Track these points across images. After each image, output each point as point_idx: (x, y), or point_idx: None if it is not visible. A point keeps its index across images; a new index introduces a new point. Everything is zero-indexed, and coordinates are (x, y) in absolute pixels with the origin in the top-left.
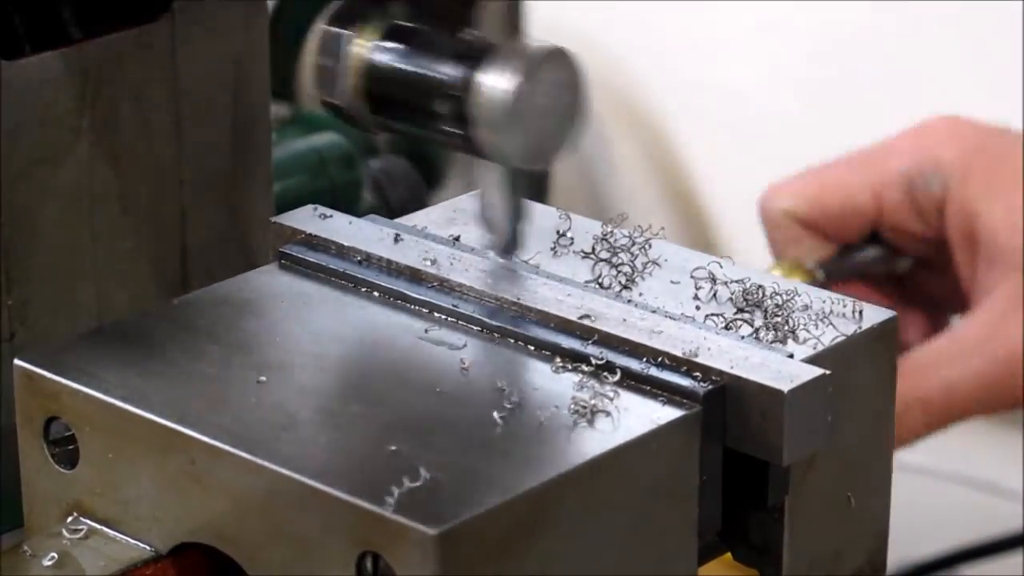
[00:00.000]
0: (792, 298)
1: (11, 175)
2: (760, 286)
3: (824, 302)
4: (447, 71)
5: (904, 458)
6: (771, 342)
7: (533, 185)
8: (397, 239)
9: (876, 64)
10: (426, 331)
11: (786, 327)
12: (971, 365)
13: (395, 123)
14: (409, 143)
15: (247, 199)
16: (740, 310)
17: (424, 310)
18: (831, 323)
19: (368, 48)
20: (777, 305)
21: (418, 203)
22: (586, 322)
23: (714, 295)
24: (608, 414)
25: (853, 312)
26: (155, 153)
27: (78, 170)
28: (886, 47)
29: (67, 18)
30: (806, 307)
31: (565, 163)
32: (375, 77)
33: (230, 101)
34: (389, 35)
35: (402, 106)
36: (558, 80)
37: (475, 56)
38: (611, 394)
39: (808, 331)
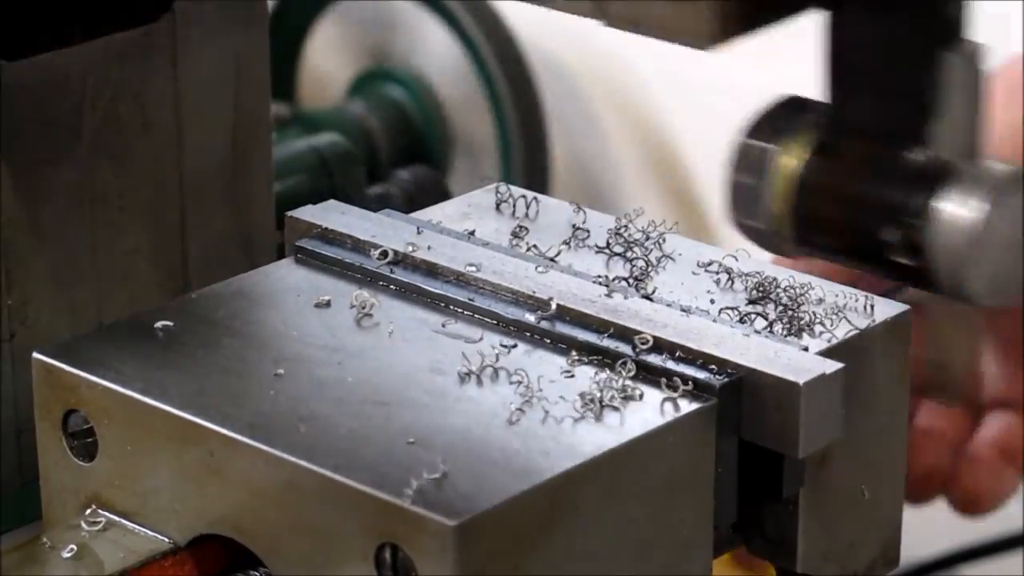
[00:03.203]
0: (806, 291)
1: (11, 175)
2: (774, 280)
3: (838, 296)
4: (898, 194)
5: None
6: (786, 335)
7: (534, 185)
8: (413, 233)
9: None
10: (443, 325)
11: (800, 321)
12: None
13: (826, 250)
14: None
15: (247, 199)
16: (754, 303)
17: (441, 304)
18: (845, 316)
19: (798, 165)
20: (791, 298)
21: None
22: (602, 315)
23: (729, 288)
24: (624, 407)
25: (866, 306)
26: (155, 153)
27: (78, 170)
28: None
29: (67, 18)
30: (820, 300)
31: (565, 163)
32: (808, 198)
33: (230, 101)
34: (821, 151)
35: (837, 231)
36: (1020, 206)
37: (931, 178)
38: (627, 387)
39: (822, 324)
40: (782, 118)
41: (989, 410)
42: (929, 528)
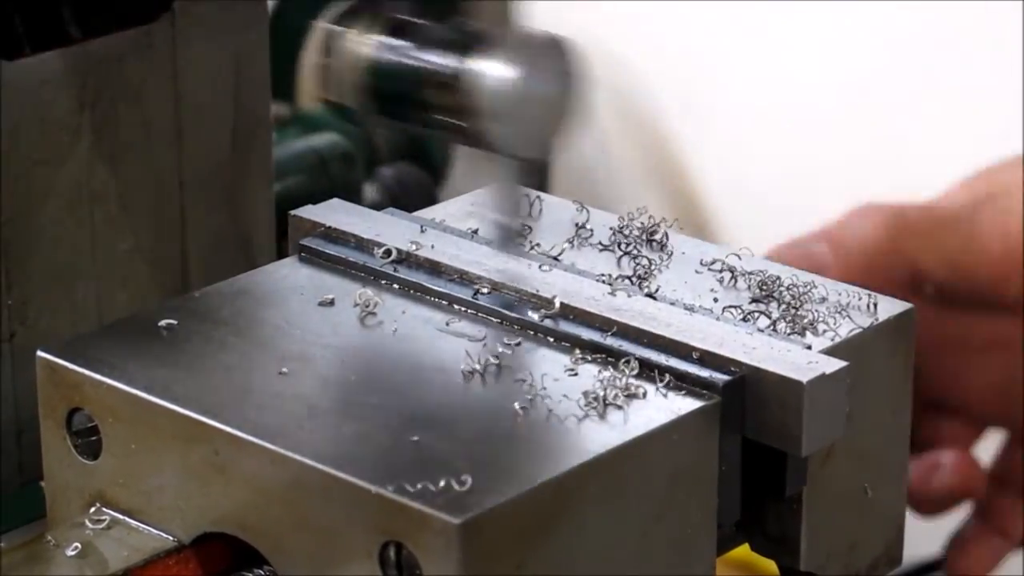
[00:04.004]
0: (809, 290)
1: (11, 175)
2: (777, 278)
3: (841, 294)
4: (446, 63)
5: None
6: (789, 334)
7: (533, 184)
8: (417, 232)
9: (876, 65)
10: (447, 323)
11: (804, 319)
12: None
13: (397, 118)
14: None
15: (247, 199)
16: (758, 302)
17: (444, 302)
18: (848, 315)
19: (367, 44)
20: (794, 297)
21: None
22: (605, 314)
23: (732, 286)
24: (628, 405)
25: (869, 304)
26: (155, 153)
27: (78, 170)
28: (887, 48)
29: (67, 18)
30: (823, 299)
31: (565, 163)
32: (376, 73)
33: (230, 101)
34: (388, 31)
35: (403, 101)
36: (557, 68)
37: (473, 46)
38: (631, 385)
39: (825, 323)
40: (358, 8)
41: None
42: (929, 528)
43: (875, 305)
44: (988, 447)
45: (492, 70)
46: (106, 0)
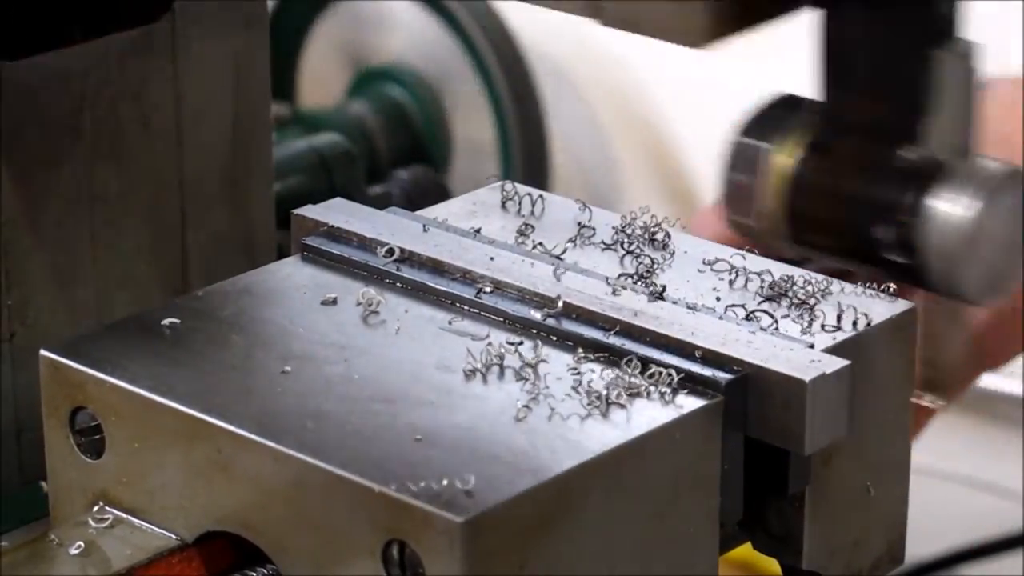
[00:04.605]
0: (812, 289)
1: (11, 175)
2: (780, 277)
3: (843, 293)
4: (890, 192)
5: None
6: (791, 333)
7: (534, 184)
8: (419, 231)
9: None
10: (450, 322)
11: (806, 318)
12: None
13: (819, 247)
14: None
15: (247, 199)
16: (760, 301)
17: (447, 301)
18: (850, 314)
19: (792, 163)
20: (797, 296)
21: None
22: (608, 313)
23: (736, 285)
24: (630, 404)
25: (871, 303)
26: (155, 153)
27: (78, 170)
28: None
29: (67, 18)
30: (825, 298)
31: (565, 163)
32: (800, 196)
33: (230, 101)
34: (814, 149)
35: (830, 229)
36: (1015, 204)
37: (923, 176)
38: (633, 384)
39: (828, 322)
40: (776, 116)
41: None
42: (929, 528)
43: (877, 304)
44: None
45: (948, 206)
46: (106, 0)
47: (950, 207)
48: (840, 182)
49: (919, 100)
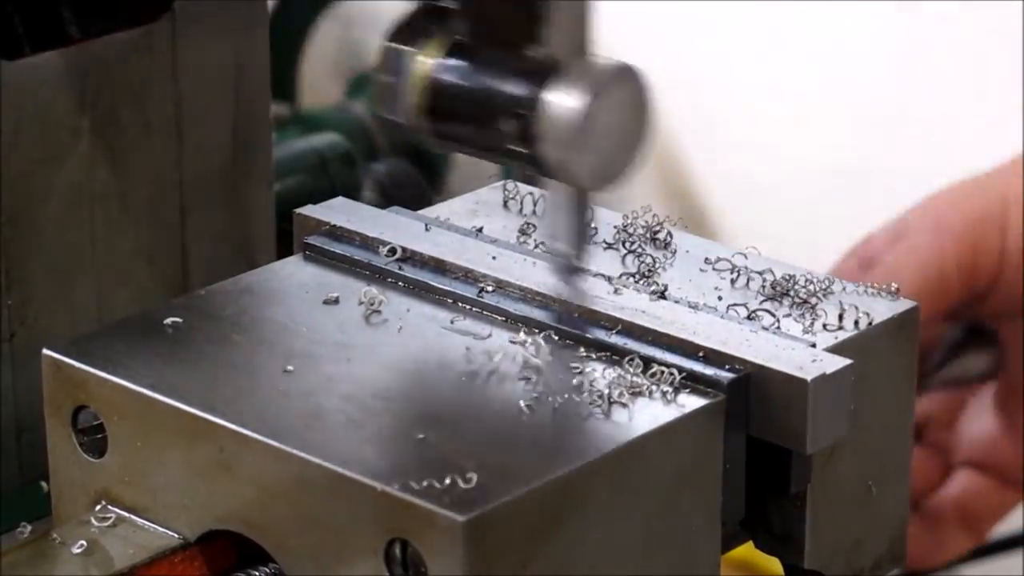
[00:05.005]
0: (813, 288)
1: (11, 175)
2: (781, 276)
3: (845, 292)
4: (513, 89)
5: None
6: (793, 332)
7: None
8: (421, 230)
9: (876, 66)
10: (452, 321)
11: (808, 317)
12: None
13: (458, 141)
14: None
15: (247, 199)
16: (762, 300)
17: (449, 300)
18: (852, 313)
19: (431, 65)
20: (799, 295)
21: (421, 206)
22: (610, 312)
23: (738, 285)
24: (633, 403)
25: (874, 303)
26: (155, 153)
27: (78, 170)
28: (891, 51)
29: (67, 18)
30: (827, 297)
31: None
32: (438, 95)
33: (230, 101)
34: (452, 52)
35: (466, 124)
36: (625, 99)
37: (542, 74)
38: (635, 383)
39: (830, 321)
40: (420, 22)
41: (959, 468)
42: None
43: (880, 303)
44: None
45: (560, 99)
46: (106, 0)
47: (563, 100)
48: (471, 81)
49: (540, 5)
